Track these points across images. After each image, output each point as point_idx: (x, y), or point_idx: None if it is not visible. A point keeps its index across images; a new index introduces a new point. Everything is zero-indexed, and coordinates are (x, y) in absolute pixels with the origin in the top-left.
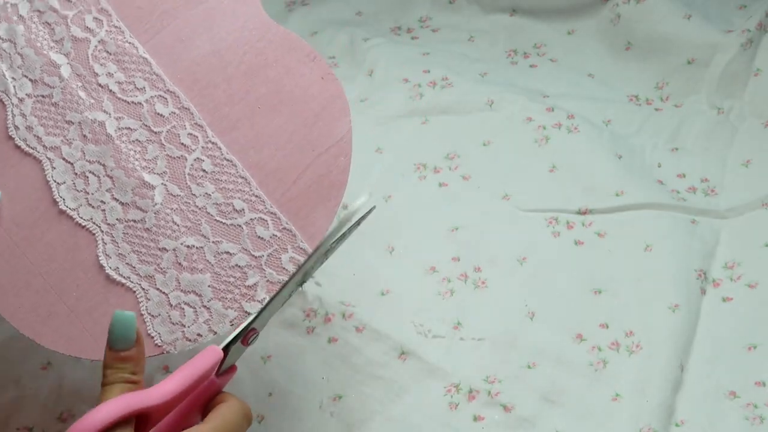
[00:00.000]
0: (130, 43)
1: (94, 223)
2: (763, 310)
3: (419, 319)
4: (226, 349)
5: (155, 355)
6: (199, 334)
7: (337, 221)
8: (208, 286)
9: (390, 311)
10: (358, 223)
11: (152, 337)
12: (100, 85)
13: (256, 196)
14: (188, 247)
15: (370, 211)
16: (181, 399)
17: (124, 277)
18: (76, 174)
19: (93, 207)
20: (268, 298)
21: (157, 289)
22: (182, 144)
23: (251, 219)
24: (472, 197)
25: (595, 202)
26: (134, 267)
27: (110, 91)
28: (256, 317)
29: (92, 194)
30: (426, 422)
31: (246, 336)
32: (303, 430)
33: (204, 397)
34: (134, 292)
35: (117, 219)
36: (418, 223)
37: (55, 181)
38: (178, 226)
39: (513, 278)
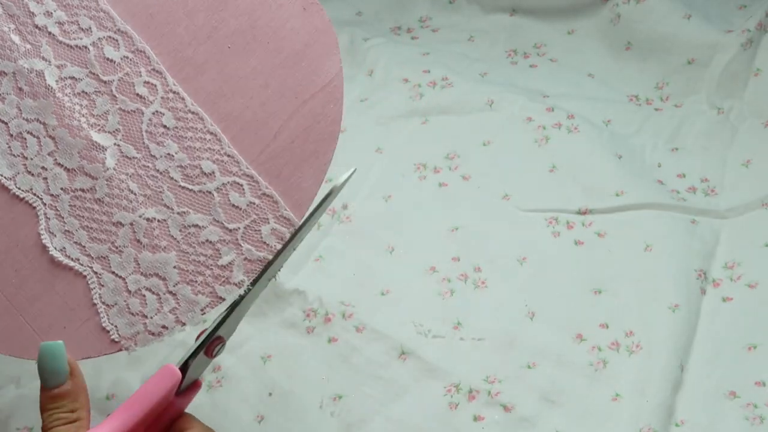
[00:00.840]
0: None
1: (34, 194)
2: (763, 310)
3: (419, 319)
4: (185, 366)
5: (112, 352)
6: (164, 326)
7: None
8: (174, 267)
9: (390, 311)
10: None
11: (108, 332)
12: (37, 26)
13: (229, 156)
14: (148, 220)
15: (350, 177)
16: (136, 430)
17: (72, 259)
18: (11, 135)
19: (33, 175)
20: (246, 281)
21: (112, 272)
22: (137, 95)
23: (223, 184)
24: (472, 197)
25: (595, 202)
26: (84, 246)
27: (49, 33)
28: (221, 323)
29: (31, 159)
30: (426, 422)
31: (210, 346)
32: (303, 430)
33: (164, 421)
34: (85, 276)
35: (62, 188)
36: (418, 223)
37: None
38: (135, 195)
39: (513, 278)
